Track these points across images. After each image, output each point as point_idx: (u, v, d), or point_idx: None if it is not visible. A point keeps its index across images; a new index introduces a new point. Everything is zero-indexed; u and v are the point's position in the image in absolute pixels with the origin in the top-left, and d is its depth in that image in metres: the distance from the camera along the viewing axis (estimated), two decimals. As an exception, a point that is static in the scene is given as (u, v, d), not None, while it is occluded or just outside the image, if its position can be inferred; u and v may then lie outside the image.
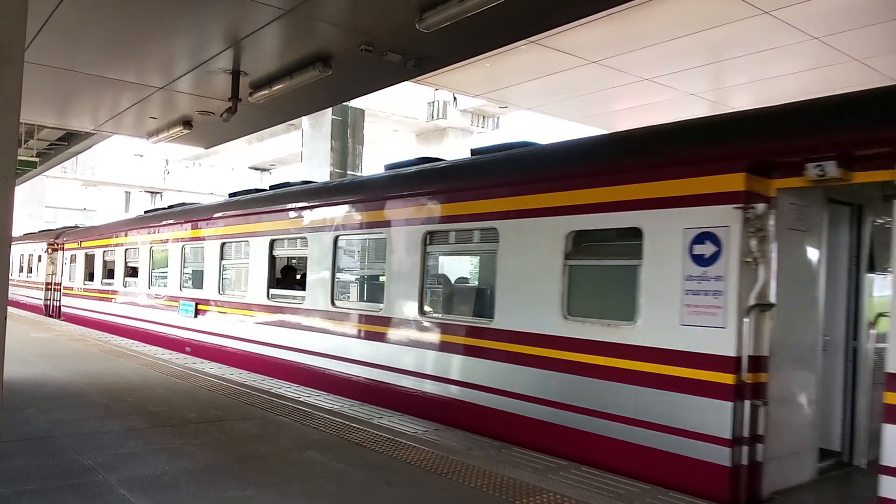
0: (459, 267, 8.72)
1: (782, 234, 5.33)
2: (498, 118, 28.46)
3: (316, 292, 9.76)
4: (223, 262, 12.25)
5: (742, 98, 14.46)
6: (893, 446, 4.43)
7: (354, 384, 8.78)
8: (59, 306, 21.48)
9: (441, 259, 8.59)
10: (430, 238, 7.95)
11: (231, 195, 13.69)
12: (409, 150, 31.23)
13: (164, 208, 17.09)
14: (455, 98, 26.76)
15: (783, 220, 5.32)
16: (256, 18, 7.95)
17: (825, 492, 5.59)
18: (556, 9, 7.83)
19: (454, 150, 25.49)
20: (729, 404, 5.11)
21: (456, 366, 7.47)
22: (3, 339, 3.44)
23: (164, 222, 14.83)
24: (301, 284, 10.64)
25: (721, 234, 5.24)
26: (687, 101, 15.03)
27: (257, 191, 13.03)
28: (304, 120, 22.14)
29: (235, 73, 10.00)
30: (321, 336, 9.54)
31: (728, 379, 5.13)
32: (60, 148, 24.05)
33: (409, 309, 8.11)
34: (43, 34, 8.60)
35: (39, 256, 24.01)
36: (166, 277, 14.32)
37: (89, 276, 19.03)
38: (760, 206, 5.16)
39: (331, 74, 9.29)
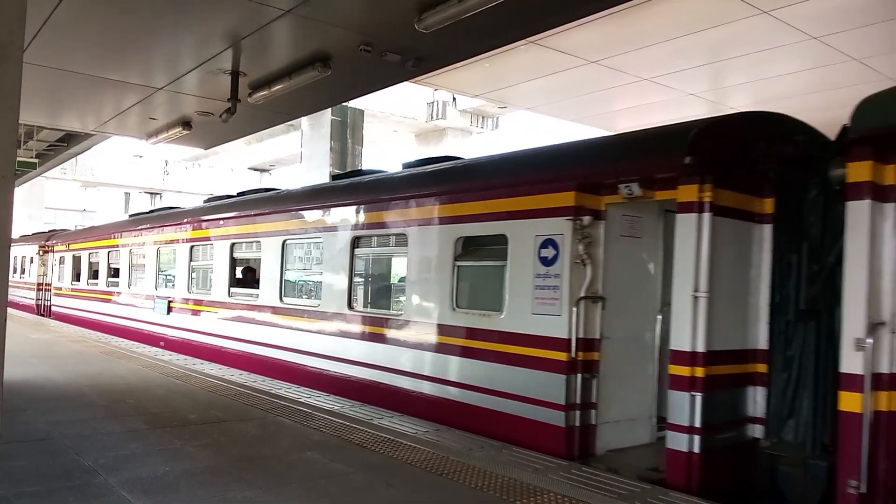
0: (380, 267, 9.97)
1: (614, 239, 6.56)
2: (497, 118, 28.48)
3: (268, 290, 10.83)
4: (192, 263, 13.26)
5: (741, 98, 14.47)
6: (675, 407, 5.68)
7: (300, 371, 9.78)
8: (50, 306, 22.18)
9: (366, 261, 9.80)
10: (357, 242, 9.14)
11: (205, 201, 14.59)
12: (409, 150, 31.25)
13: (145, 212, 17.95)
14: (454, 98, 26.78)
15: (614, 228, 6.57)
16: (256, 19, 7.95)
17: (650, 450, 6.57)
18: (555, 9, 7.84)
19: (454, 149, 25.50)
20: (563, 377, 6.35)
21: (377, 352, 8.59)
22: (2, 340, 3.44)
23: (141, 226, 15.77)
24: (258, 283, 11.50)
25: (559, 240, 6.50)
26: (686, 101, 15.03)
27: (227, 197, 13.90)
28: (304, 120, 22.14)
29: (235, 74, 10.00)
30: (273, 329, 10.60)
31: (562, 357, 6.36)
32: (60, 149, 24.07)
33: (340, 304, 9.24)
34: (42, 34, 8.60)
35: (32, 258, 24.17)
36: (143, 278, 15.36)
37: (76, 277, 19.97)
38: (587, 218, 6.38)
39: (330, 75, 9.29)
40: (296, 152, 28.89)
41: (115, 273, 17.17)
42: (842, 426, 4.84)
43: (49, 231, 25.31)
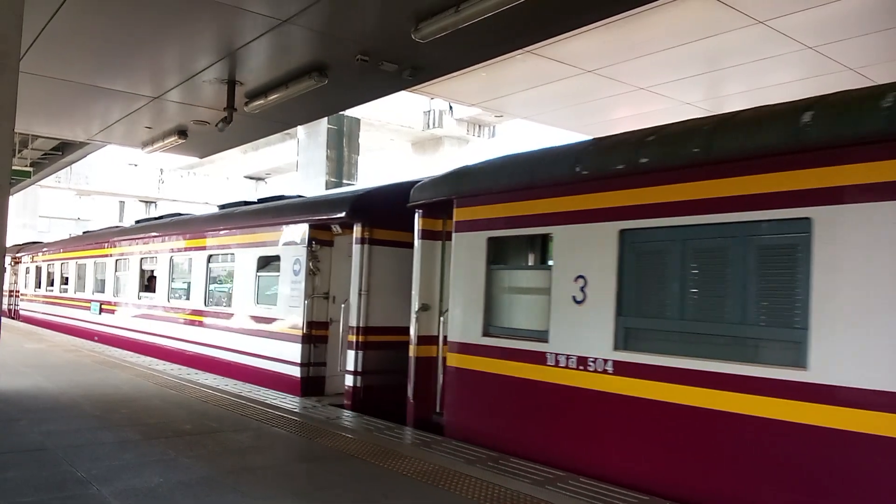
0: (222, 276, 12.72)
1: (340, 258, 10.08)
2: (494, 127, 28.56)
3: (161, 295, 14.52)
4: (116, 273, 16.97)
5: (737, 107, 14.48)
6: (348, 360, 9.19)
7: (176, 353, 13.42)
8: (18, 310, 25.76)
9: (215, 273, 12.81)
10: (210, 259, 12.76)
11: (137, 222, 18.52)
12: (405, 158, 31.27)
13: (91, 231, 22.34)
14: (451, 107, 26.84)
15: (340, 251, 10.16)
16: (252, 29, 7.95)
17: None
18: (552, 19, 7.85)
19: (450, 158, 25.52)
20: (300, 345, 9.97)
21: (218, 336, 12.24)
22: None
23: (84, 243, 19.80)
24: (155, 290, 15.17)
25: (301, 258, 10.16)
26: (683, 111, 15.06)
27: (149, 219, 18.16)
28: (300, 129, 22.17)
29: (231, 83, 10.00)
30: (164, 323, 14.25)
31: (300, 332, 10.00)
32: (54, 157, 24.00)
33: (198, 303, 12.96)
34: (38, 44, 8.59)
35: (5, 268, 24.38)
36: (84, 285, 19.20)
37: (38, 285, 23.77)
38: (316, 245, 10.10)
39: (326, 84, 9.29)
40: (292, 161, 28.89)
41: (65, 281, 20.87)
42: (421, 367, 8.16)
43: (20, 244, 27.84)
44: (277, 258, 10.75)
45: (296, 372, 9.96)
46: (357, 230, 9.21)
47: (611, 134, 6.92)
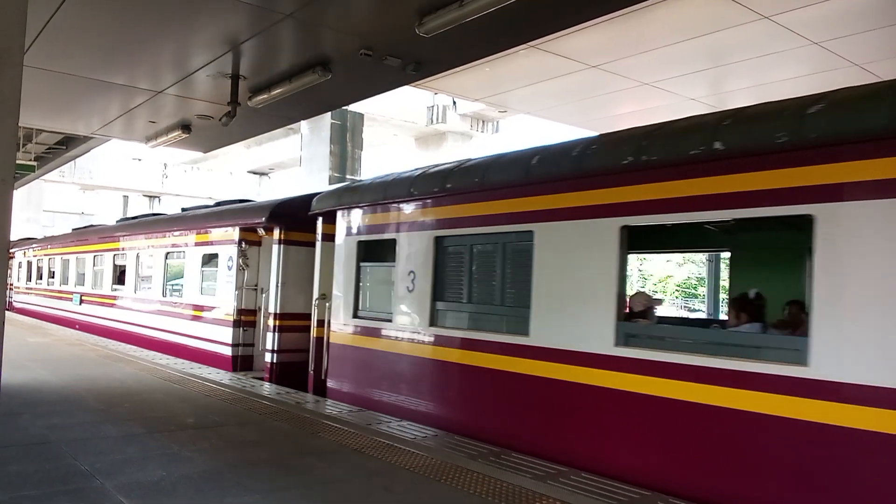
0: (177, 273, 14.54)
1: (266, 256, 11.68)
2: (497, 122, 28.51)
3: (130, 287, 16.46)
4: (94, 268, 18.97)
5: (742, 102, 14.43)
6: (267, 341, 11.02)
7: (143, 339, 15.15)
8: (12, 302, 27.25)
9: (171, 269, 14.74)
10: (167, 256, 14.67)
11: (118, 221, 20.52)
12: (409, 153, 31.24)
13: (78, 228, 23.97)
14: (454, 102, 26.79)
15: (266, 251, 11.69)
16: (255, 23, 7.94)
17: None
18: (555, 13, 7.82)
19: (454, 153, 25.50)
20: (231, 329, 11.76)
21: (170, 323, 14.15)
22: (0, 343, 3.42)
23: (68, 240, 22.00)
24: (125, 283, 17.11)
25: (234, 256, 11.91)
26: (687, 106, 15.03)
27: (126, 219, 20.55)
28: (304, 124, 22.15)
29: (235, 78, 9.99)
30: (132, 312, 16.20)
31: (231, 318, 11.76)
32: (58, 152, 24.01)
33: (157, 294, 14.91)
34: (42, 38, 8.59)
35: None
36: (67, 278, 21.30)
37: (28, 278, 26.05)
38: (245, 244, 11.80)
39: (330, 79, 9.27)
40: (295, 156, 28.90)
41: (52, 275, 23.05)
42: (316, 344, 10.03)
43: (16, 240, 28.98)
44: (216, 255, 12.56)
45: (228, 351, 11.85)
46: (276, 233, 11.13)
47: (438, 164, 8.70)
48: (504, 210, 7.08)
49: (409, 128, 29.16)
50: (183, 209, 16.70)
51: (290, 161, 36.30)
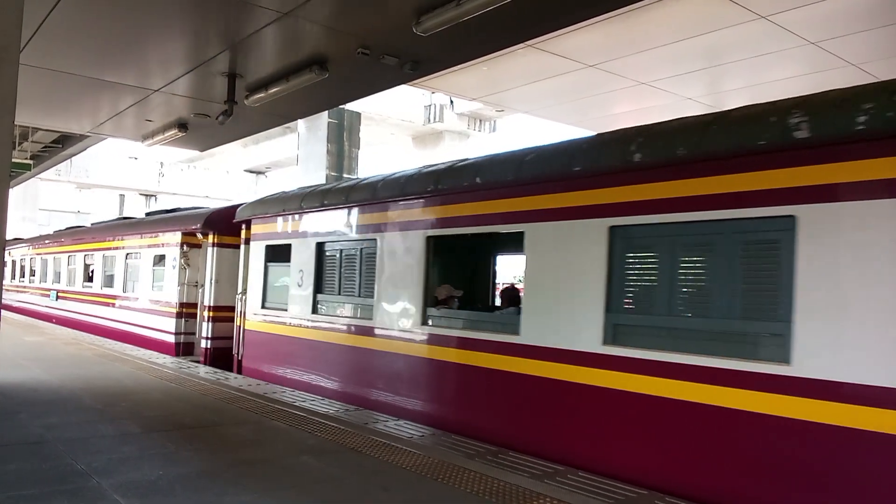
0: (134, 271, 16.25)
1: (205, 256, 13.16)
2: (495, 121, 28.49)
3: (98, 284, 18.18)
4: (68, 267, 20.88)
5: (739, 102, 14.44)
6: (202, 329, 13.12)
7: (107, 330, 16.90)
8: None
9: (130, 268, 16.40)
10: (127, 256, 16.41)
11: (92, 224, 22.58)
12: (406, 153, 31.21)
13: (58, 230, 25.92)
14: (452, 101, 26.77)
15: (204, 253, 13.20)
16: (253, 21, 7.93)
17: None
18: (553, 13, 7.83)
19: (451, 153, 25.48)
20: (174, 320, 13.51)
21: (130, 315, 16.01)
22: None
23: (45, 241, 23.99)
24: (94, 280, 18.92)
25: (177, 256, 13.63)
26: (684, 106, 15.05)
27: (100, 223, 21.97)
28: (300, 123, 22.11)
29: (231, 76, 9.98)
30: (99, 307, 17.96)
31: (172, 311, 13.56)
32: (55, 150, 23.97)
33: (119, 290, 16.77)
34: (38, 36, 8.57)
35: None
36: (46, 277, 23.19)
37: (12, 276, 27.63)
38: (186, 247, 13.46)
39: (327, 77, 9.27)
40: (292, 155, 28.82)
41: (33, 273, 24.86)
42: (238, 331, 11.97)
43: None
44: (164, 256, 14.35)
45: (172, 339, 13.69)
46: (210, 237, 12.95)
47: (321, 185, 11.13)
48: (362, 222, 9.20)
49: (406, 127, 29.13)
50: (147, 214, 18.63)
51: (287, 160, 36.23)
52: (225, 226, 12.71)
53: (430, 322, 7.98)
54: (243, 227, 11.98)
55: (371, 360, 8.77)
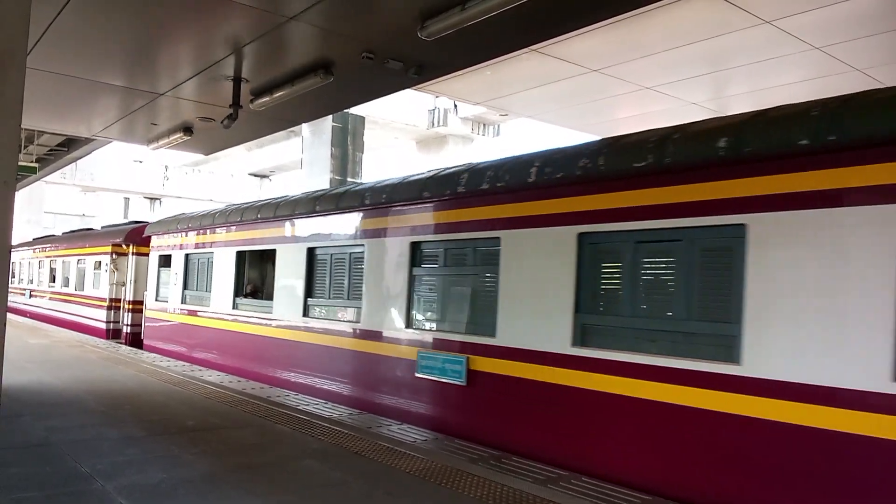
0: (80, 274, 20.49)
1: (127, 263, 17.71)
2: (498, 126, 28.47)
3: (60, 284, 22.09)
4: (39, 269, 25.05)
5: (743, 107, 14.40)
6: (123, 317, 17.81)
7: (62, 321, 20.87)
8: None
9: (77, 271, 20.48)
10: (78, 262, 20.17)
11: (63, 234, 26.70)
12: (410, 157, 31.22)
13: (38, 238, 29.65)
14: (455, 106, 26.77)
15: (127, 260, 17.82)
16: (258, 26, 7.95)
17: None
18: (557, 18, 7.84)
19: (455, 157, 25.48)
20: (105, 311, 18.03)
21: (78, 308, 19.87)
22: (2, 344, 3.42)
23: (25, 247, 27.50)
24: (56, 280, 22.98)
25: (107, 262, 18.10)
26: (688, 111, 15.03)
27: (70, 231, 26.71)
28: (305, 127, 22.13)
29: (237, 80, 10.00)
30: (57, 302, 22.21)
31: (105, 304, 18.04)
32: (60, 153, 24.05)
33: (70, 289, 20.65)
34: (45, 40, 8.60)
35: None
36: (22, 278, 27.67)
37: None
38: (115, 255, 17.77)
39: (332, 82, 9.28)
40: (297, 158, 28.85)
41: (13, 275, 27.96)
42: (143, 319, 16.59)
43: None
44: (100, 262, 18.53)
45: (103, 326, 17.96)
46: (130, 248, 17.42)
47: (191, 213, 15.20)
48: (209, 241, 13.46)
49: (410, 131, 29.13)
50: (102, 227, 22.29)
51: (292, 163, 36.28)
52: (140, 239, 16.84)
53: (236, 306, 12.17)
54: (153, 239, 15.98)
55: (205, 334, 13.31)
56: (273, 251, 11.22)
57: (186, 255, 14.11)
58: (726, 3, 10.15)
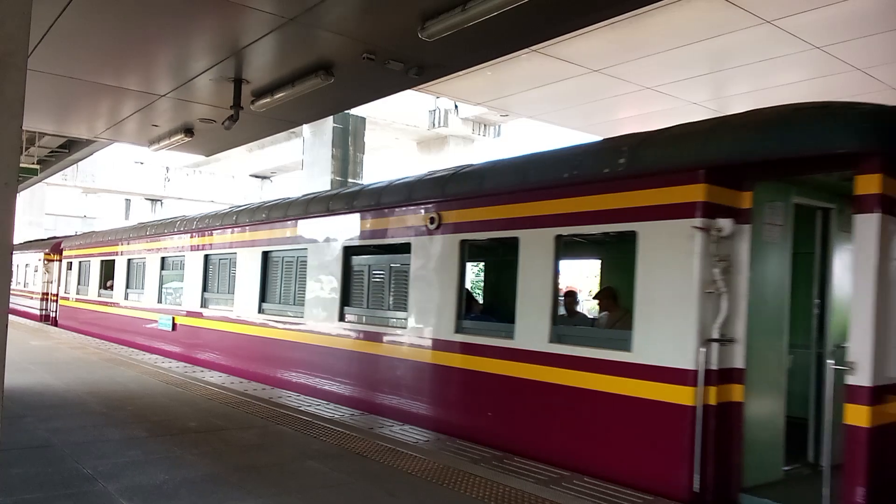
0: (27, 274, 26.21)
1: (56, 266, 23.84)
2: (499, 126, 28.47)
3: (14, 282, 24.23)
4: (24, 270, 27.77)
5: (744, 107, 14.37)
6: (52, 307, 24.25)
7: (20, 312, 25.23)
8: None
9: (26, 272, 26.40)
10: (27, 265, 26.78)
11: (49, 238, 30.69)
12: (411, 158, 31.23)
13: (26, 241, 33.21)
14: (456, 106, 26.77)
15: (52, 264, 24.06)
16: (258, 27, 7.95)
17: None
18: (558, 18, 7.83)
19: (455, 158, 25.47)
20: (39, 301, 24.47)
21: (26, 301, 25.59)
22: (3, 346, 3.41)
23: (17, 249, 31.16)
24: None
25: (41, 266, 24.64)
26: (689, 110, 15.01)
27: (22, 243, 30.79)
28: (306, 128, 22.15)
29: (237, 82, 9.99)
30: (19, 297, 26.20)
31: (39, 296, 24.50)
32: (61, 155, 24.04)
33: (27, 286, 26.01)
34: (46, 41, 8.60)
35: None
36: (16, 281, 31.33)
37: None
38: (46, 261, 24.16)
39: (333, 83, 9.28)
40: (297, 159, 28.88)
41: None
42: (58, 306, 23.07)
43: None
44: (37, 266, 24.14)
45: (38, 312, 23.61)
46: (55, 255, 22.43)
47: (93, 231, 22.95)
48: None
49: (410, 131, 29.13)
50: (51, 237, 27.52)
51: (293, 164, 36.26)
52: (59, 250, 22.44)
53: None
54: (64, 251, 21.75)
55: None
56: (112, 261, 17.90)
57: (80, 263, 20.77)
58: (727, 2, 10.15)
